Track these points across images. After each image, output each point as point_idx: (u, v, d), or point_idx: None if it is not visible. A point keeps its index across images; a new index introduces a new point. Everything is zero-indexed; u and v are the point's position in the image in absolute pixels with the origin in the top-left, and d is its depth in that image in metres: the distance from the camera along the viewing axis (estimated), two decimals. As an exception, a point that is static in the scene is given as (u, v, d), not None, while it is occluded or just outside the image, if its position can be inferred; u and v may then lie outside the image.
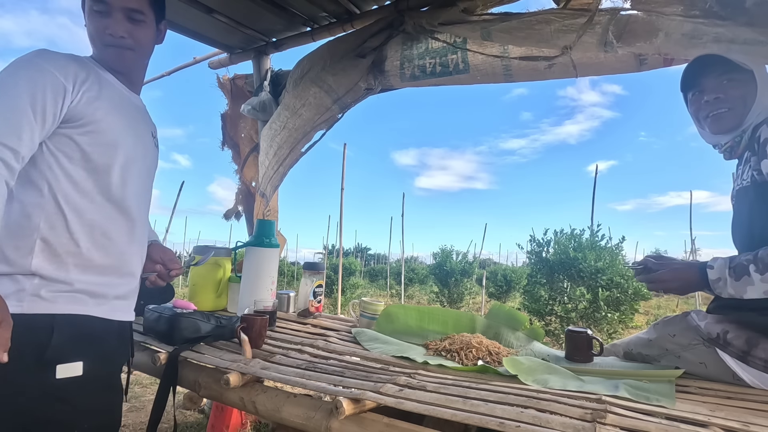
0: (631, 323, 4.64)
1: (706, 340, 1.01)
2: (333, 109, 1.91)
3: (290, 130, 1.90)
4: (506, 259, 21.82)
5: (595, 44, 1.22)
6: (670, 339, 1.09)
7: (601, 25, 1.20)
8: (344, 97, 1.87)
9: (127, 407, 2.24)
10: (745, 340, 0.94)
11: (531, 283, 5.28)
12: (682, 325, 1.08)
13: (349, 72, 1.81)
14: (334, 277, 7.15)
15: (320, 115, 1.90)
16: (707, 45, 1.08)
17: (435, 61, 1.68)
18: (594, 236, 5.02)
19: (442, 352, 1.21)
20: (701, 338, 1.02)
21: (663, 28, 1.13)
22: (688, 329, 1.06)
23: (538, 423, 0.71)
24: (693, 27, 1.09)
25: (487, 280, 9.76)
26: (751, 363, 0.93)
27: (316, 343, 1.30)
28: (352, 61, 1.80)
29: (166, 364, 1.12)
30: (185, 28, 2.09)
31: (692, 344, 1.04)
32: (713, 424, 0.74)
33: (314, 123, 1.92)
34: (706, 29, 1.08)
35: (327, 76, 1.84)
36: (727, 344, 0.97)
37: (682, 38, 1.11)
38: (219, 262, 1.78)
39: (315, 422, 0.87)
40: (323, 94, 1.86)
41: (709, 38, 1.08)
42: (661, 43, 1.14)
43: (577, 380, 0.99)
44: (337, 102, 1.89)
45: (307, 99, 1.88)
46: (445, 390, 0.86)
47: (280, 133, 1.89)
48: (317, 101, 1.88)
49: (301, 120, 1.90)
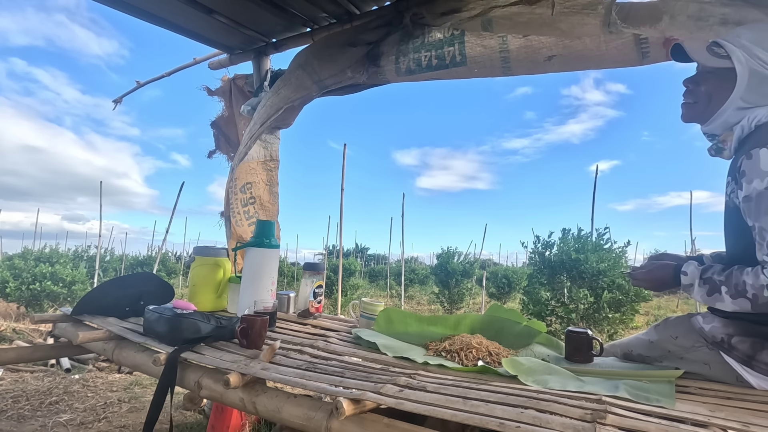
0: (632, 323, 4.64)
1: (710, 342, 1.00)
2: (311, 88, 1.91)
3: (267, 108, 1.92)
4: (506, 260, 21.82)
5: (598, 25, 1.20)
6: (672, 341, 1.08)
7: (604, 6, 1.18)
8: (326, 80, 1.86)
9: (126, 408, 2.24)
10: (750, 345, 0.94)
11: (532, 284, 5.28)
12: (685, 326, 1.08)
13: (336, 58, 1.81)
14: (334, 278, 7.14)
15: (297, 93, 1.92)
16: (713, 27, 1.05)
17: (431, 54, 1.65)
18: (600, 238, 5.01)
19: (442, 353, 1.21)
20: (705, 341, 1.02)
21: (668, 10, 1.10)
22: (691, 331, 1.05)
23: (538, 423, 0.71)
24: (699, 7, 1.06)
25: (488, 281, 9.75)
26: (756, 368, 0.93)
27: (317, 343, 1.30)
28: (342, 49, 1.79)
29: (165, 365, 1.12)
30: (185, 28, 2.09)
31: (695, 346, 1.03)
32: (713, 425, 0.74)
33: (289, 99, 1.94)
34: (712, 9, 1.04)
35: (313, 60, 1.86)
36: (731, 348, 0.96)
37: (688, 20, 1.07)
38: (219, 263, 1.79)
39: (315, 423, 0.87)
40: (305, 75, 1.87)
41: (716, 20, 1.04)
42: (666, 26, 1.11)
43: (577, 381, 0.98)
44: (317, 83, 1.89)
45: (289, 80, 1.90)
46: (445, 390, 0.86)
47: (259, 112, 1.92)
48: (298, 81, 1.89)
49: (278, 97, 1.92)
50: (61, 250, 7.47)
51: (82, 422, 2.01)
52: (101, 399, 2.36)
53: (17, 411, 2.12)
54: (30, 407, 2.18)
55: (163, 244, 8.43)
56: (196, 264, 1.81)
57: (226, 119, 2.42)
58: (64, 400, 2.31)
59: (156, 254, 10.15)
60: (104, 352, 1.39)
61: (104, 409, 2.21)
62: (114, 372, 3.04)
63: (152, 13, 1.94)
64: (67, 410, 2.17)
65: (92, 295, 1.63)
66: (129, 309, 1.60)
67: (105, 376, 2.88)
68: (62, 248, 8.38)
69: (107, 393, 2.47)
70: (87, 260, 8.74)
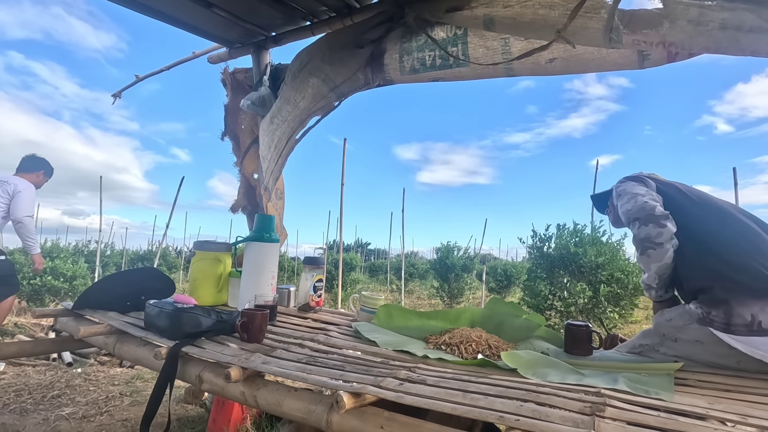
0: (631, 318, 4.65)
1: (696, 320, 1.07)
2: (330, 97, 1.91)
3: (289, 122, 1.90)
4: (506, 255, 21.82)
5: (600, 30, 1.20)
6: (666, 324, 1.15)
7: (607, 10, 1.18)
8: (341, 86, 1.86)
9: (128, 401, 2.25)
10: (723, 312, 1.01)
11: (531, 278, 5.28)
12: (678, 310, 1.14)
13: (346, 62, 1.80)
14: (334, 273, 7.15)
15: (316, 103, 1.91)
16: (713, 33, 1.06)
17: (435, 54, 1.66)
18: (595, 231, 5.01)
19: (442, 346, 1.21)
20: (693, 318, 1.09)
21: (668, 14, 1.11)
22: (683, 313, 1.12)
23: (538, 416, 0.72)
24: (699, 12, 1.06)
25: (488, 276, 9.77)
26: (735, 331, 0.99)
27: (317, 337, 1.30)
28: (350, 52, 1.79)
29: (166, 359, 1.12)
30: (184, 22, 2.07)
31: (686, 324, 1.10)
32: (712, 417, 0.74)
33: (310, 111, 1.92)
34: (712, 14, 1.05)
35: (324, 66, 1.84)
36: (711, 321, 1.03)
37: (688, 25, 1.09)
38: (219, 257, 1.79)
39: (316, 416, 0.87)
40: (321, 83, 1.86)
41: (716, 24, 1.05)
42: (667, 31, 1.12)
43: (576, 374, 0.99)
44: (334, 90, 1.88)
45: (306, 91, 1.88)
46: (445, 384, 0.87)
47: (281, 126, 1.89)
48: (315, 91, 1.88)
49: (298, 110, 1.90)
50: (61, 245, 7.47)
51: (84, 416, 2.02)
52: (103, 393, 2.37)
53: (20, 404, 2.13)
54: (32, 401, 2.19)
55: (164, 239, 8.43)
56: (196, 259, 1.81)
57: (230, 109, 2.42)
58: (66, 393, 2.32)
59: (156, 249, 10.15)
60: (105, 347, 1.40)
61: (106, 402, 2.22)
62: (115, 366, 3.06)
63: (150, 7, 1.92)
64: (69, 404, 2.18)
65: (93, 290, 1.63)
66: (130, 303, 1.60)
67: (107, 370, 2.89)
68: (63, 243, 8.39)
69: (109, 387, 2.49)
70: (87, 255, 8.75)
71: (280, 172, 2.07)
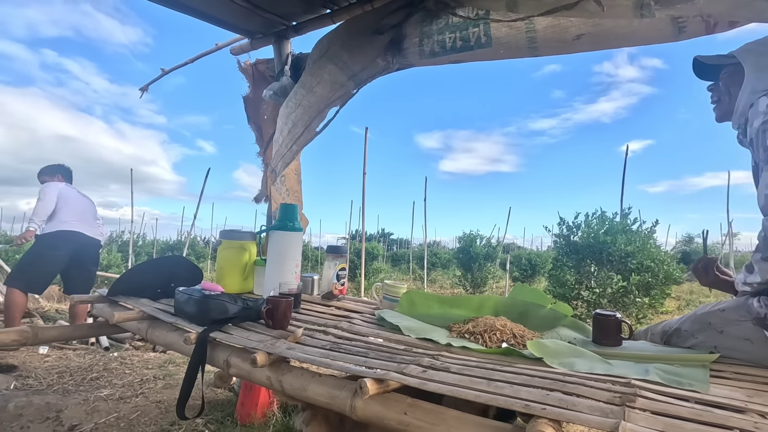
0: (662, 308, 4.50)
1: (754, 318, 0.99)
2: (348, 85, 1.87)
3: (305, 107, 1.89)
4: (531, 244, 21.47)
5: (630, 7, 1.14)
6: (718, 313, 1.07)
7: None
8: (360, 74, 1.83)
9: (161, 384, 2.34)
10: None
11: (557, 267, 5.18)
12: (737, 302, 1.07)
13: (365, 48, 1.77)
14: (357, 262, 7.21)
15: (334, 92, 1.87)
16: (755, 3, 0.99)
17: (455, 36, 1.61)
18: (625, 219, 4.86)
19: (466, 335, 1.20)
20: (750, 316, 1.00)
21: None
22: (740, 306, 1.04)
23: (565, 406, 0.70)
24: None
25: (511, 265, 9.64)
26: None
27: (340, 324, 1.32)
28: (369, 38, 1.76)
29: (196, 344, 1.15)
30: (206, 14, 2.09)
31: (740, 320, 1.02)
32: (751, 410, 0.71)
33: (328, 100, 1.89)
34: None
35: (343, 53, 1.81)
36: None
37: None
38: (245, 246, 1.82)
39: (340, 401, 0.88)
40: (338, 70, 1.83)
41: None
42: (704, 3, 1.05)
43: (605, 363, 0.96)
44: (353, 78, 1.85)
45: (322, 77, 1.86)
46: (468, 372, 0.86)
47: (295, 110, 1.88)
48: (332, 78, 1.85)
49: (315, 97, 1.88)
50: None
51: (120, 397, 2.12)
52: (138, 376, 2.48)
53: (62, 385, 2.25)
54: (73, 382, 2.32)
55: (192, 229, 8.68)
56: (222, 247, 1.85)
57: (251, 100, 2.44)
58: (103, 376, 2.44)
59: (185, 239, 10.47)
60: (138, 332, 1.45)
61: (141, 385, 2.33)
62: (149, 350, 3.19)
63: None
64: (107, 385, 2.29)
65: (126, 278, 1.70)
66: (160, 290, 1.66)
67: (141, 354, 3.02)
68: (98, 234, 8.73)
69: (143, 370, 2.60)
70: (121, 245, 9.10)
71: (293, 159, 2.06)
